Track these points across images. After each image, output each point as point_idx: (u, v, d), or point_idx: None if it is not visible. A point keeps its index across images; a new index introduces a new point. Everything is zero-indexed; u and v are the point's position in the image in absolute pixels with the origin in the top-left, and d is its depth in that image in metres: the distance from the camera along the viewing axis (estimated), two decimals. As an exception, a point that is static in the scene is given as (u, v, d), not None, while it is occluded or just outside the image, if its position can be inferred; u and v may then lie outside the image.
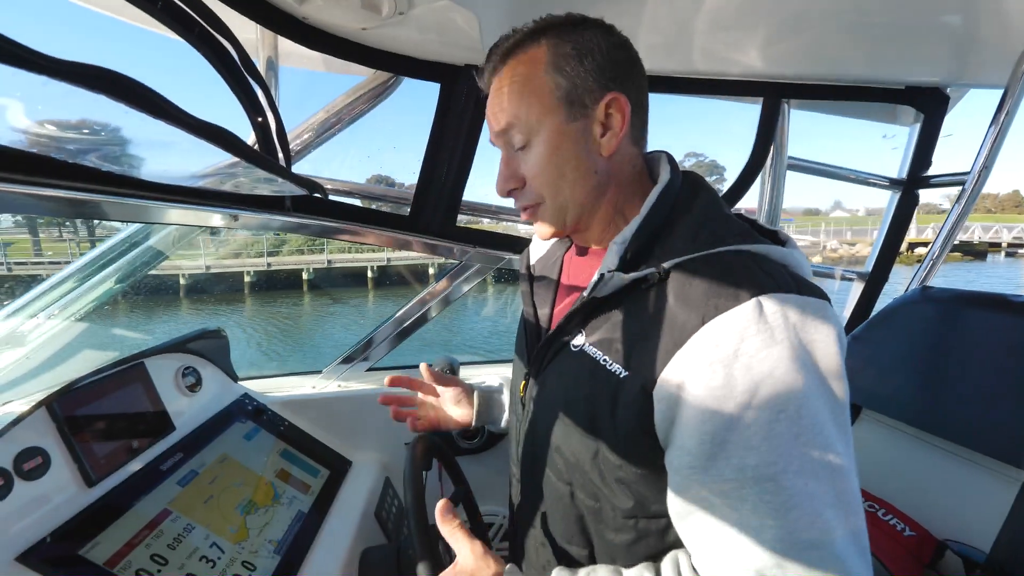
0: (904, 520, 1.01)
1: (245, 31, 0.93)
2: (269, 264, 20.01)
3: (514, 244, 1.47)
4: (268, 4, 0.97)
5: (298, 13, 1.00)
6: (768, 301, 0.49)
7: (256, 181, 0.84)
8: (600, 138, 0.61)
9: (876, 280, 1.69)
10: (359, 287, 20.22)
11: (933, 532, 1.00)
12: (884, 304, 1.38)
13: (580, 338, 0.63)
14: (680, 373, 0.51)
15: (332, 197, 1.32)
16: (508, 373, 0.93)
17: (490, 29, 1.03)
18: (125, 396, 0.98)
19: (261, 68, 1.05)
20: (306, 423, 1.31)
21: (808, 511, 0.46)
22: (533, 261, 0.85)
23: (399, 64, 1.23)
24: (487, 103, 0.66)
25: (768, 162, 1.54)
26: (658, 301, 0.56)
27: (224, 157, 0.70)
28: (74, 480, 0.82)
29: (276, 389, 1.44)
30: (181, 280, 17.37)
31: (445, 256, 1.46)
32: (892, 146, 1.64)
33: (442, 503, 0.63)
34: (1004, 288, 2.39)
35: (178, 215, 1.00)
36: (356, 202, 1.42)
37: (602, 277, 0.58)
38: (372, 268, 20.10)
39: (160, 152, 0.66)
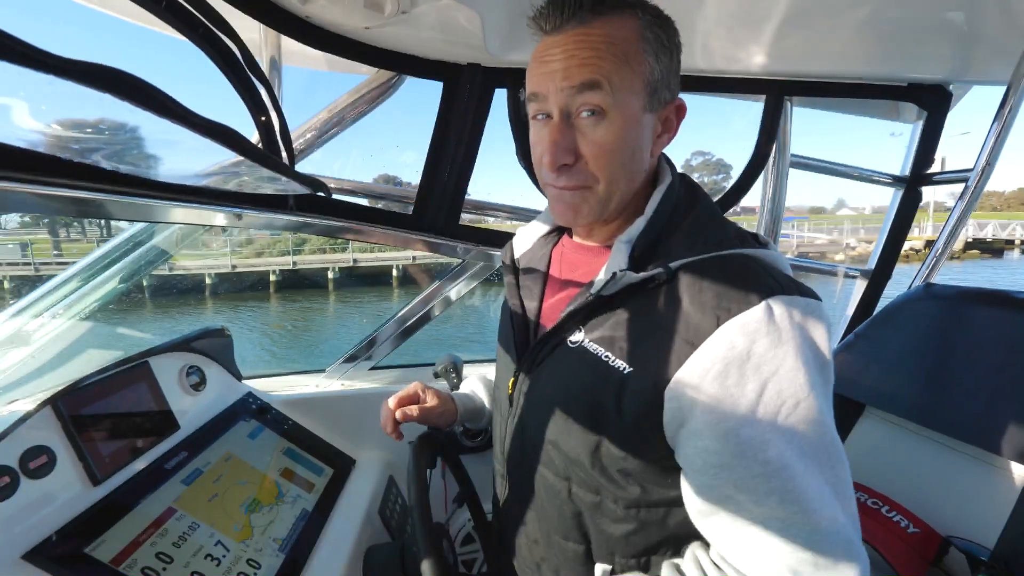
0: (908, 517, 1.01)
1: (249, 30, 0.93)
2: (295, 263, 20.23)
3: (516, 243, 1.47)
4: (271, 3, 0.97)
5: (301, 12, 1.00)
6: (776, 304, 0.52)
7: (260, 180, 0.84)
8: (657, 137, 0.62)
9: (879, 277, 1.68)
10: (384, 286, 20.40)
11: (937, 529, 1.00)
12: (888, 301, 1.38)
13: (579, 335, 0.63)
14: (696, 373, 0.53)
15: (335, 196, 1.32)
16: None
17: (493, 28, 1.03)
18: (130, 395, 0.98)
19: (264, 67, 1.05)
20: (310, 422, 1.31)
21: (820, 500, 0.50)
22: (518, 255, 0.83)
23: (402, 63, 1.23)
24: (558, 46, 0.56)
25: (771, 160, 1.54)
26: (666, 301, 0.57)
27: (228, 156, 0.70)
28: (79, 479, 0.82)
29: (280, 388, 1.44)
30: (207, 280, 17.67)
31: (448, 255, 1.46)
32: (901, 144, 1.64)
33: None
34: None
35: (182, 214, 1.01)
36: (360, 201, 1.42)
37: (614, 276, 0.58)
38: (397, 267, 20.28)
39: (165, 151, 0.66)
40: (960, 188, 1.38)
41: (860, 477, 1.14)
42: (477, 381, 1.02)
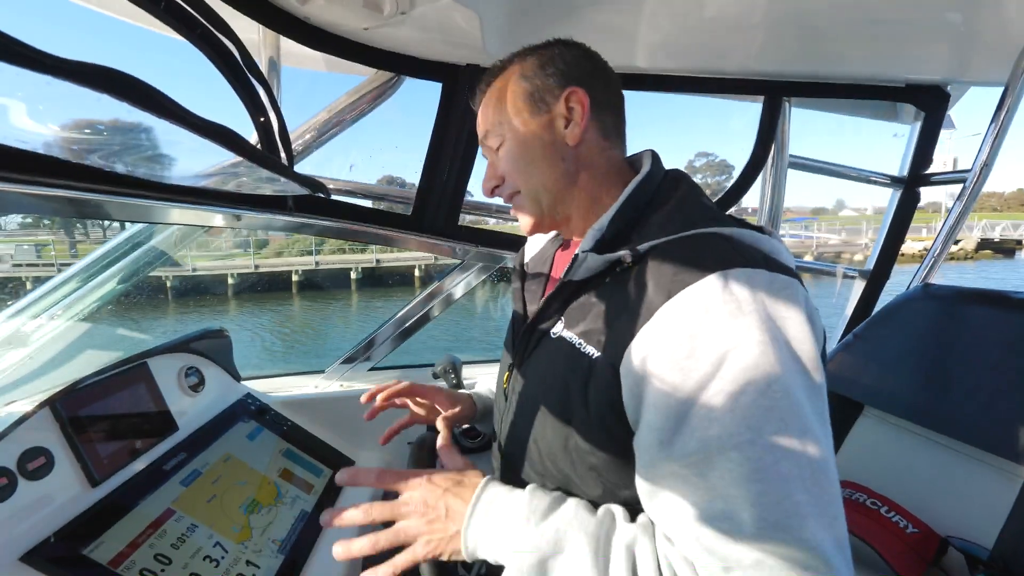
0: (908, 517, 1.01)
1: (247, 31, 0.93)
2: (317, 263, 20.36)
3: (516, 244, 1.48)
4: (270, 4, 0.97)
5: (300, 13, 1.00)
6: (734, 274, 0.49)
7: (259, 181, 0.84)
8: (564, 129, 0.66)
9: (878, 278, 1.69)
10: (407, 286, 20.57)
11: (936, 529, 1.00)
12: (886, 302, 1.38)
13: (559, 325, 0.64)
14: (645, 347, 0.51)
15: (334, 197, 1.32)
16: None
17: (491, 28, 1.03)
18: (128, 396, 0.98)
19: (263, 68, 1.05)
20: (309, 423, 1.31)
21: (776, 489, 0.43)
22: (527, 260, 0.88)
23: (401, 64, 1.23)
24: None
25: (769, 161, 1.54)
26: (633, 284, 0.56)
27: (227, 156, 0.70)
28: (78, 480, 0.82)
29: (279, 389, 1.44)
30: (229, 280, 17.89)
31: (448, 256, 1.46)
32: (902, 145, 1.64)
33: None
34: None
35: (181, 215, 1.01)
36: (358, 202, 1.42)
37: (576, 259, 0.60)
38: (420, 267, 20.45)
39: (163, 152, 0.66)
40: (959, 188, 1.39)
41: (859, 477, 1.14)
42: (493, 382, 1.02)
